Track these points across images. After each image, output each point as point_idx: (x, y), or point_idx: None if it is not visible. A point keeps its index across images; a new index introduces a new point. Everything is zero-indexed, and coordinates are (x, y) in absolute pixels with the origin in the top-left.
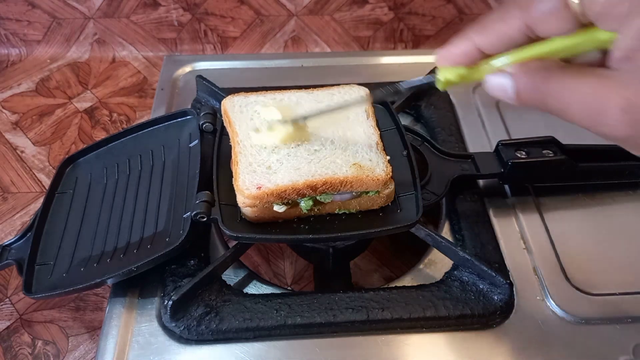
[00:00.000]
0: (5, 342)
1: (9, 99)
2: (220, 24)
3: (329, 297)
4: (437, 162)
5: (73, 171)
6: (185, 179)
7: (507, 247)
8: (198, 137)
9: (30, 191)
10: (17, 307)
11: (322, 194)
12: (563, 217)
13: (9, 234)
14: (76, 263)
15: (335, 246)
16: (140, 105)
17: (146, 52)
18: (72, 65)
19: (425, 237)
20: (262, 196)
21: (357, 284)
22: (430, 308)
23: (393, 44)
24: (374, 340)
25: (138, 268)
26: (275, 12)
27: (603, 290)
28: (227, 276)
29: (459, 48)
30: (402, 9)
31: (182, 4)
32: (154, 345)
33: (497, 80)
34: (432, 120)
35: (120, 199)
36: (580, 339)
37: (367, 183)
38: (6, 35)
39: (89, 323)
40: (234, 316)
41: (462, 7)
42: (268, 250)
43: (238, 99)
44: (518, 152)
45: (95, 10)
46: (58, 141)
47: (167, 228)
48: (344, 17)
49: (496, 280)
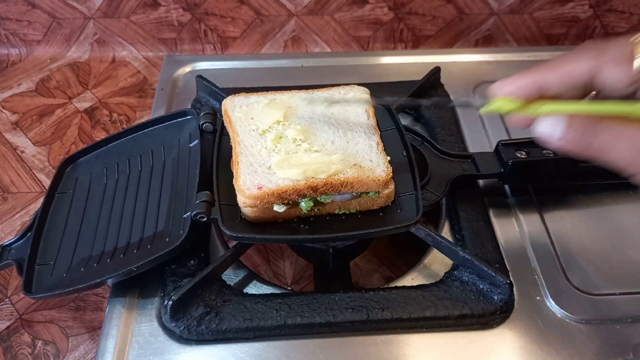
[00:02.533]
0: (5, 342)
1: (9, 99)
2: (220, 24)
3: (329, 297)
4: (437, 162)
5: (73, 171)
6: (185, 179)
7: (507, 247)
8: (198, 137)
9: (30, 191)
10: (17, 307)
11: (323, 195)
12: (563, 217)
13: (9, 234)
14: (76, 263)
15: (335, 246)
16: (140, 105)
17: (146, 52)
18: (72, 65)
19: (425, 237)
20: (263, 196)
21: (357, 284)
22: (430, 308)
23: (393, 44)
24: (374, 340)
25: (138, 268)
26: (275, 12)
27: (603, 290)
28: (227, 276)
29: (520, 81)
30: (402, 9)
31: (182, 4)
32: (154, 345)
33: (549, 122)
34: (432, 120)
35: (120, 199)
36: (580, 339)
37: (368, 183)
38: (6, 35)
39: (89, 323)
40: (234, 316)
41: (462, 7)
42: (268, 250)
43: (239, 99)
44: (518, 152)
45: (95, 10)
46: (58, 141)
47: (167, 228)
48: (344, 17)
49: (496, 280)
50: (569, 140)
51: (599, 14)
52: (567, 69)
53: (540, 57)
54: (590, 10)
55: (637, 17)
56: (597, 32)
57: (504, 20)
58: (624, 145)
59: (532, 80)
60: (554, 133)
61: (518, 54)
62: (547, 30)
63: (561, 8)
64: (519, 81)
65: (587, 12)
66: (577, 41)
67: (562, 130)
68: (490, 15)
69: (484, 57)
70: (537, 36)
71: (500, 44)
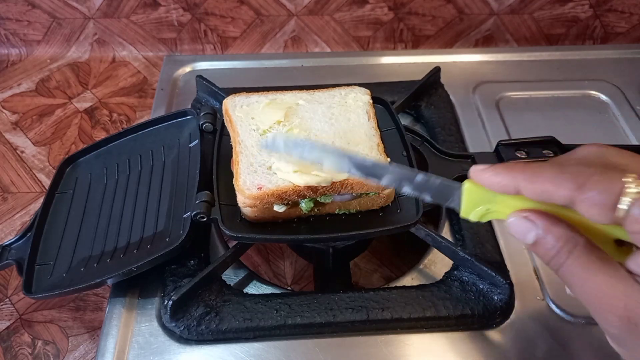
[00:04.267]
0: (5, 342)
1: (9, 99)
2: (220, 24)
3: (329, 297)
4: (437, 162)
5: (73, 171)
6: (185, 179)
7: (507, 247)
8: (198, 137)
9: (30, 191)
10: (17, 307)
11: (323, 195)
12: None
13: (9, 234)
14: (76, 263)
15: (335, 246)
16: (140, 105)
17: (146, 52)
18: (72, 65)
19: (425, 237)
20: (263, 196)
21: (357, 284)
22: (430, 308)
23: (393, 44)
24: (374, 340)
25: (138, 268)
26: (275, 12)
27: None
28: (227, 276)
29: (498, 177)
30: (402, 9)
31: (182, 4)
32: (154, 345)
33: (523, 224)
34: (432, 120)
35: (120, 199)
36: (580, 339)
37: (368, 184)
38: (6, 35)
39: (89, 323)
40: (234, 316)
41: (462, 7)
42: (268, 250)
43: (239, 99)
44: (518, 152)
45: (95, 10)
46: (58, 141)
47: (167, 228)
48: (344, 17)
49: (496, 280)
50: (537, 253)
51: (599, 14)
52: (547, 188)
53: (540, 57)
54: (590, 10)
55: (637, 17)
56: (597, 32)
57: (504, 20)
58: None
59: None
60: (524, 239)
61: (518, 54)
62: (547, 30)
63: (561, 8)
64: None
65: (587, 12)
66: (577, 41)
67: (531, 240)
68: (490, 15)
69: (484, 57)
70: (537, 36)
71: (500, 44)
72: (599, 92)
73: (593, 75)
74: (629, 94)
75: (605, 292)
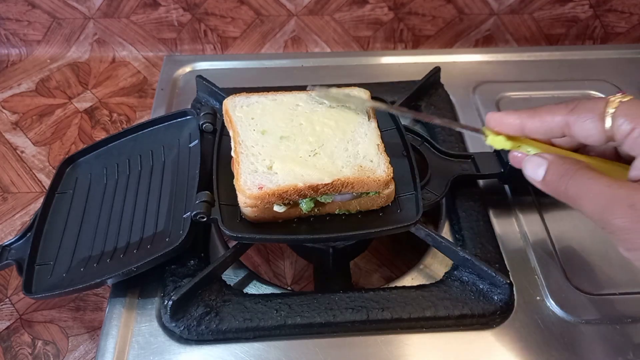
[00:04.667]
0: (5, 342)
1: (9, 99)
2: (220, 24)
3: (329, 297)
4: (437, 162)
5: (73, 171)
6: (185, 179)
7: (507, 247)
8: (198, 137)
9: (30, 191)
10: (17, 307)
11: (323, 195)
12: (563, 217)
13: (9, 234)
14: (76, 263)
15: (335, 246)
16: (140, 105)
17: (146, 52)
18: (72, 65)
19: (425, 237)
20: (264, 196)
21: (357, 284)
22: (430, 308)
23: (393, 44)
24: (374, 340)
25: (138, 268)
26: (275, 12)
27: (603, 290)
28: (227, 276)
29: (508, 119)
30: (402, 9)
31: (182, 4)
32: (154, 345)
33: (533, 165)
34: None
35: (120, 199)
36: (580, 339)
37: (369, 184)
38: (6, 35)
39: (89, 323)
40: (234, 316)
41: (462, 7)
42: (268, 250)
43: (240, 99)
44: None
45: (95, 10)
46: (58, 141)
47: (167, 228)
48: (344, 17)
49: (496, 280)
50: (547, 184)
51: (599, 14)
52: (545, 118)
53: (540, 57)
54: (590, 10)
55: (637, 17)
56: (597, 32)
57: (504, 20)
58: (591, 200)
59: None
60: (536, 176)
61: (518, 54)
62: (547, 30)
63: (561, 8)
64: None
65: (587, 12)
66: (577, 41)
67: (542, 174)
68: (490, 15)
69: (484, 57)
70: (537, 36)
71: (500, 44)
72: (599, 92)
73: (593, 75)
74: (629, 94)
75: (610, 189)
